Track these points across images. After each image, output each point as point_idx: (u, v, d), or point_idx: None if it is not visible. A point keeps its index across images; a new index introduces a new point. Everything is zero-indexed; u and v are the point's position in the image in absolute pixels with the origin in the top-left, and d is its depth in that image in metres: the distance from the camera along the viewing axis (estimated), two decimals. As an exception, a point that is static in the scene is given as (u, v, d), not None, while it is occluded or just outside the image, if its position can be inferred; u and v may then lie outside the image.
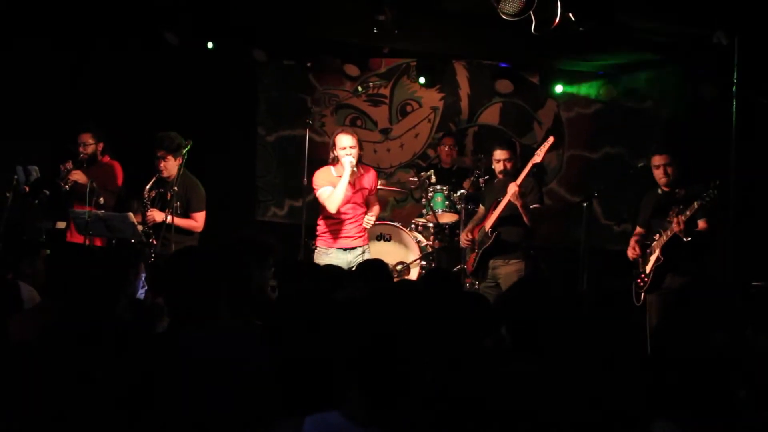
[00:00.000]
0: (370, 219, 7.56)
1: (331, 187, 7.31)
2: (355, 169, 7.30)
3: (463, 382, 2.91)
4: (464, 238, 7.78)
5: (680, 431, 2.63)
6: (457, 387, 2.82)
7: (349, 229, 7.51)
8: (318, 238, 7.58)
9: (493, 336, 3.18)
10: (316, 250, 7.59)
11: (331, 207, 7.31)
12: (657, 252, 6.84)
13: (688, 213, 6.50)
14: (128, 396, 2.71)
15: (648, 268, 6.95)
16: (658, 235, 6.87)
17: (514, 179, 7.30)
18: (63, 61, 9.09)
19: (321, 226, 7.55)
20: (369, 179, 7.63)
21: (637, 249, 7.07)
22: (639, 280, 7.02)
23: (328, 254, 7.45)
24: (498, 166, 7.56)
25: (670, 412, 2.67)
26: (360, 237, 7.54)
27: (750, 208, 7.28)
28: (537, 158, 7.36)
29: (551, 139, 7.43)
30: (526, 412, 2.68)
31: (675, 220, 6.55)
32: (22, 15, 8.54)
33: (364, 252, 7.48)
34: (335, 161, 7.41)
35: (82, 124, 8.08)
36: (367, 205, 7.62)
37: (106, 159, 8.13)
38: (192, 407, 2.95)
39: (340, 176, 7.32)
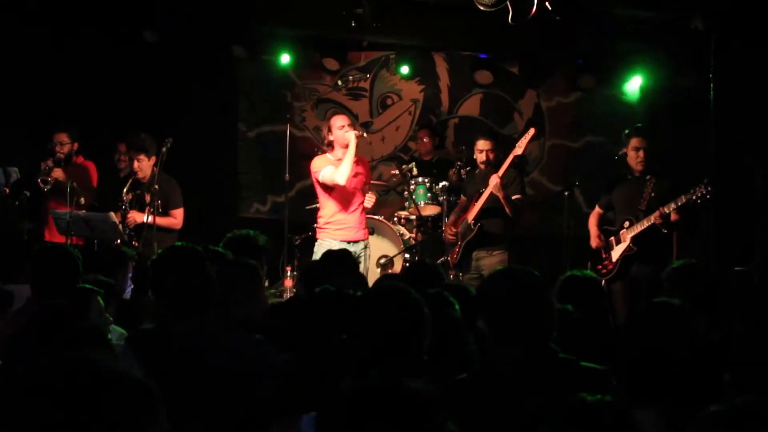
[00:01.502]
0: (370, 198, 7.48)
1: (333, 167, 7.14)
2: (365, 134, 7.25)
3: (450, 374, 2.93)
4: (448, 233, 7.78)
5: (660, 419, 2.65)
6: (444, 379, 2.84)
7: (352, 219, 7.33)
8: (320, 230, 7.39)
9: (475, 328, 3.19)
10: (317, 243, 7.38)
11: (341, 178, 7.06)
12: (628, 241, 6.83)
13: (672, 206, 6.52)
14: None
15: (615, 256, 6.94)
16: (628, 223, 6.87)
17: (496, 170, 7.32)
18: (39, 60, 9.01)
19: (324, 217, 7.36)
20: (365, 168, 7.57)
21: (602, 238, 7.12)
22: (600, 267, 7.03)
23: (332, 247, 7.03)
24: (480, 157, 7.58)
25: (651, 400, 2.69)
26: (363, 230, 7.43)
27: (731, 194, 7.32)
28: (518, 150, 7.37)
29: (532, 131, 7.44)
30: (508, 403, 2.70)
31: (658, 212, 6.56)
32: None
33: (366, 246, 7.37)
34: (330, 146, 7.29)
35: (58, 124, 8.04)
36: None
37: (80, 159, 8.09)
38: (181, 405, 2.95)
39: (339, 159, 7.17)
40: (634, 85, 9.29)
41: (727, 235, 7.38)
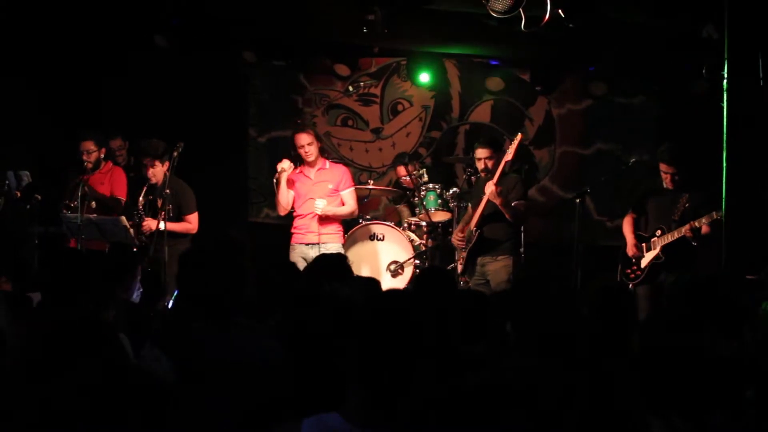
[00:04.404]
0: (318, 203, 7.66)
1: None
2: (284, 166, 7.68)
3: (461, 379, 2.91)
4: (456, 238, 7.77)
5: (670, 427, 2.63)
6: (456, 384, 2.82)
7: (309, 224, 7.72)
8: (291, 235, 7.87)
9: (494, 332, 3.18)
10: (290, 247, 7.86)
11: (279, 209, 7.96)
12: (657, 250, 6.94)
13: (703, 221, 6.65)
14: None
15: (644, 263, 7.04)
16: (659, 231, 6.96)
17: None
18: (51, 64, 9.03)
19: (293, 223, 7.88)
20: (333, 175, 7.81)
21: (638, 247, 7.14)
22: (629, 271, 7.11)
23: (294, 250, 7.76)
24: (480, 165, 7.58)
25: (663, 410, 2.67)
26: (317, 233, 7.68)
27: (743, 201, 7.29)
28: (508, 156, 7.37)
29: (520, 136, 7.49)
30: (526, 408, 2.68)
31: (689, 225, 6.69)
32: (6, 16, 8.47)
33: (325, 250, 7.47)
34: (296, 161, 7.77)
35: (82, 132, 8.02)
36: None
37: (109, 166, 8.10)
38: (204, 404, 2.95)
39: (300, 172, 7.78)
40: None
41: (738, 244, 7.35)
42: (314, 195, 7.70)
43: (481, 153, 7.57)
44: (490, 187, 7.21)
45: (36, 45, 8.84)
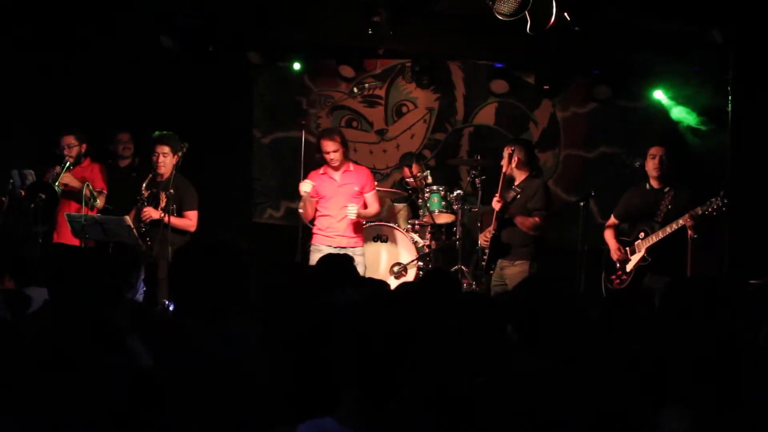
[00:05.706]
0: (352, 209, 7.71)
1: (306, 192, 7.69)
2: (306, 189, 7.67)
3: (463, 381, 2.92)
4: (483, 238, 7.77)
5: (691, 417, 2.63)
6: (456, 387, 2.82)
7: (336, 227, 7.77)
8: (312, 235, 7.87)
9: (496, 334, 3.18)
10: (311, 248, 7.84)
11: (303, 217, 7.86)
12: (642, 252, 6.90)
13: (687, 218, 6.59)
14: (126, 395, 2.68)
15: (629, 267, 7.01)
16: (642, 234, 6.94)
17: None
18: (55, 63, 9.05)
19: (315, 224, 7.85)
20: (358, 177, 7.86)
21: (622, 251, 7.12)
22: (614, 277, 7.09)
23: (320, 251, 7.66)
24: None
25: (664, 410, 2.67)
26: (350, 237, 7.78)
27: (747, 206, 7.29)
28: (505, 168, 7.50)
29: (507, 150, 7.54)
30: (527, 412, 2.68)
31: (688, 215, 6.59)
32: (11, 14, 8.48)
33: (352, 253, 7.42)
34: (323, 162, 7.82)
35: (65, 127, 8.11)
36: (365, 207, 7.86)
37: (88, 161, 8.15)
38: (195, 405, 2.94)
39: (324, 173, 7.85)
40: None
41: (742, 248, 7.34)
42: (340, 197, 7.76)
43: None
44: (495, 201, 7.28)
45: (41, 44, 8.85)
